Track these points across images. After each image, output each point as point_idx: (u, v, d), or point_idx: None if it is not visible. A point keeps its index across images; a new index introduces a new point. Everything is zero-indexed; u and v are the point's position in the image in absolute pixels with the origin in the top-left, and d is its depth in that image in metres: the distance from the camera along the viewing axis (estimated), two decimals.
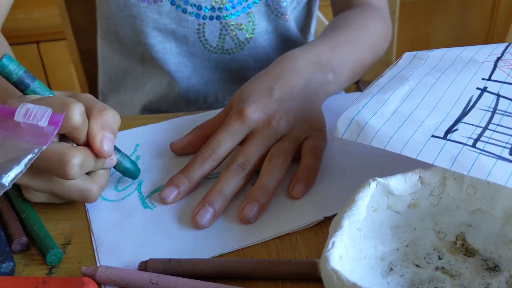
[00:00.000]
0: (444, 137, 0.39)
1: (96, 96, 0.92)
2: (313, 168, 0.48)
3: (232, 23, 0.70)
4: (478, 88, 0.43)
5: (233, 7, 0.69)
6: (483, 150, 0.37)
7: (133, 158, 0.53)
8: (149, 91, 0.78)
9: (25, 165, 0.38)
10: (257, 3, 0.69)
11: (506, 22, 1.80)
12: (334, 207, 0.44)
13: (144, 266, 0.39)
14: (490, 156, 0.36)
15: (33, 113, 0.38)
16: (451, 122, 0.40)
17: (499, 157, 0.36)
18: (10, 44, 0.62)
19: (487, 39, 1.86)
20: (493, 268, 0.36)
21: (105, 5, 0.72)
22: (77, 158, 0.41)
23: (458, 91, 0.43)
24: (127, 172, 0.48)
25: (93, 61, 0.97)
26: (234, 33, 0.71)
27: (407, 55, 0.48)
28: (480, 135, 0.39)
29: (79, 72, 1.01)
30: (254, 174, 0.48)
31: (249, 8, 0.69)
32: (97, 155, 0.43)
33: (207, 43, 0.71)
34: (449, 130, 0.39)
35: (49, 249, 0.40)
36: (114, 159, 0.46)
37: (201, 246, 0.42)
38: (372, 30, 0.66)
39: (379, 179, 0.37)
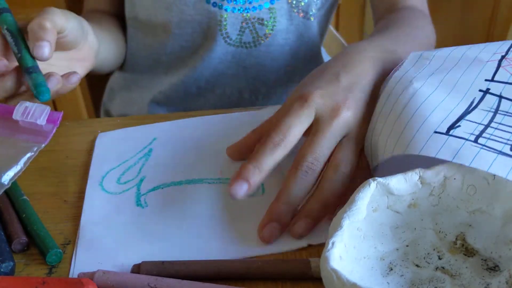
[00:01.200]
0: (447, 133, 0.39)
1: (102, 92, 0.92)
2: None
3: (253, 17, 0.70)
4: (480, 90, 0.43)
5: (256, 1, 0.69)
6: (484, 145, 0.37)
7: (145, 150, 0.53)
8: (162, 87, 0.78)
9: (24, 164, 0.38)
10: (279, 0, 0.69)
11: (507, 22, 1.80)
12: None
13: (137, 268, 0.39)
14: (491, 151, 0.37)
15: (31, 111, 0.39)
16: (454, 119, 0.40)
17: (500, 152, 0.37)
18: None
19: (488, 39, 1.86)
20: (493, 268, 0.36)
21: (135, 10, 0.74)
22: None
23: (461, 93, 0.43)
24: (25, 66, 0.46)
25: None
26: (254, 26, 0.70)
27: (413, 55, 0.48)
28: (482, 131, 0.39)
29: None
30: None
31: (272, 3, 0.69)
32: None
33: (227, 36, 0.71)
34: (452, 126, 0.40)
35: (49, 249, 0.40)
36: None
37: (177, 253, 0.41)
38: (426, 29, 0.65)
39: (379, 179, 0.37)
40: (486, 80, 0.44)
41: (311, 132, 0.44)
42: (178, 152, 0.52)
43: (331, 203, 0.41)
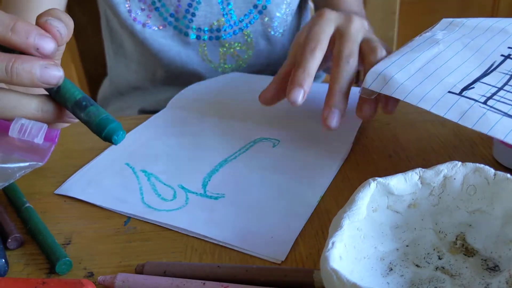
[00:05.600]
0: (460, 94, 0.41)
1: (95, 98, 0.93)
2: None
3: (230, 42, 0.75)
4: (502, 55, 0.45)
5: (230, 27, 0.74)
6: (492, 107, 0.39)
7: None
8: (155, 99, 0.82)
9: (18, 175, 0.38)
10: (252, 23, 0.75)
11: None
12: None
13: (141, 269, 0.39)
14: (497, 113, 0.39)
15: (28, 129, 0.37)
16: (470, 81, 0.42)
17: (506, 114, 0.38)
18: None
19: None
20: (493, 268, 0.36)
21: (115, 33, 0.78)
22: None
23: (483, 57, 0.46)
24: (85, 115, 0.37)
25: (93, 61, 0.97)
26: (233, 50, 0.76)
27: (444, 21, 0.52)
28: (494, 94, 0.41)
29: (79, 72, 1.01)
30: None
31: (246, 28, 0.75)
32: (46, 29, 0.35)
33: (210, 62, 0.76)
34: (466, 88, 0.42)
35: (58, 259, 0.39)
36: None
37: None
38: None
39: (379, 179, 0.37)
40: (509, 47, 0.46)
41: (337, 38, 0.50)
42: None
43: (347, 91, 0.48)
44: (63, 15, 0.36)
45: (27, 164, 0.38)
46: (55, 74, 0.35)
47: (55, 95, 0.37)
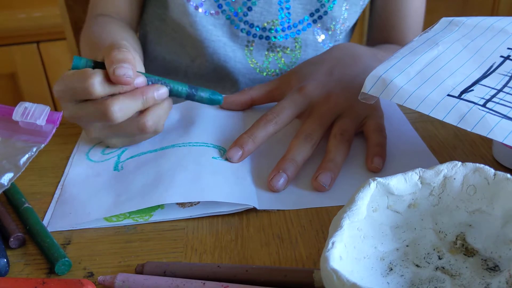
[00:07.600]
0: (459, 97, 0.41)
1: None
2: (384, 144, 0.51)
3: (279, 45, 0.74)
4: (501, 56, 0.46)
5: (283, 30, 0.73)
6: (491, 109, 0.39)
7: None
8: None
9: (23, 164, 0.38)
10: (305, 31, 0.73)
11: None
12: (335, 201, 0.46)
13: (141, 269, 0.39)
14: (496, 115, 0.39)
15: (31, 112, 0.38)
16: (469, 83, 0.42)
17: (505, 117, 0.38)
18: (10, 44, 0.62)
19: None
20: (493, 268, 0.36)
21: (166, 12, 0.75)
22: (116, 105, 0.45)
23: (482, 58, 0.46)
24: (192, 97, 0.52)
25: None
26: (279, 55, 0.75)
27: (443, 20, 0.51)
28: (493, 96, 0.41)
29: None
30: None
31: (298, 34, 0.73)
32: (117, 82, 0.46)
33: (253, 60, 0.75)
34: (465, 91, 0.42)
35: (58, 259, 0.39)
36: (162, 90, 0.49)
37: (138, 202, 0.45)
38: None
39: (379, 179, 0.37)
40: (508, 48, 0.46)
41: (307, 114, 0.53)
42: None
43: (338, 161, 0.49)
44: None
45: (30, 147, 0.39)
46: (163, 92, 0.49)
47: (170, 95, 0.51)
